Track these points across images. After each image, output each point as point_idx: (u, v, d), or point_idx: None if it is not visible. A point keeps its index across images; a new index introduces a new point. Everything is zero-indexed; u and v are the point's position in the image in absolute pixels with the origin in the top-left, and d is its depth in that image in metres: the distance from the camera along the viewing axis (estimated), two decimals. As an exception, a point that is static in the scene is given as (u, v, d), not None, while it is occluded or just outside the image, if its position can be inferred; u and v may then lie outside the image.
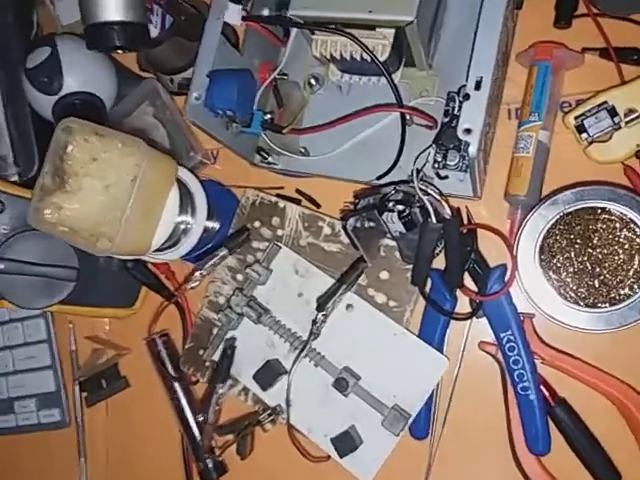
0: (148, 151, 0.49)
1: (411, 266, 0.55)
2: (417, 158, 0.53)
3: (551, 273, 0.49)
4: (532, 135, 0.54)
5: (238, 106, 0.56)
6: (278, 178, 0.63)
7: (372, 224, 0.54)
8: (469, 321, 0.55)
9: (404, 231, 0.50)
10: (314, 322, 0.49)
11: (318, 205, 0.65)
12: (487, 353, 0.54)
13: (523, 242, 0.49)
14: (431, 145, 0.54)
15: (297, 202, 0.65)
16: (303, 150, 0.64)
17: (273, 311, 0.61)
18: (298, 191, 0.66)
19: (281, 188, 0.67)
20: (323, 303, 0.48)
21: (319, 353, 0.58)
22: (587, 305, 0.48)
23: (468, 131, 0.43)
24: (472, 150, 0.43)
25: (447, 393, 0.56)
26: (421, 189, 0.47)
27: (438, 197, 0.46)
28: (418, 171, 0.49)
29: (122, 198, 0.47)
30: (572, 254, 0.48)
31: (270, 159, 0.66)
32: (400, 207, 0.49)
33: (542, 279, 0.49)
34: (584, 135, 0.52)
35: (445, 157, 0.56)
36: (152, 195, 0.50)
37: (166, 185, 0.53)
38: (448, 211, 0.46)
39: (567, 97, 0.57)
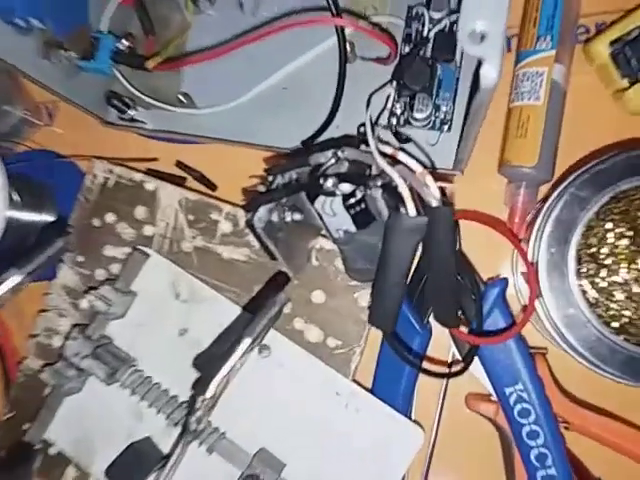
0: None
1: (359, 281, 0.34)
2: (368, 107, 0.31)
3: (594, 291, 0.30)
4: (543, 71, 0.34)
5: (52, 9, 0.32)
6: (149, 145, 0.43)
7: (297, 216, 0.33)
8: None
9: (352, 229, 0.29)
10: (192, 401, 0.26)
11: (213, 187, 0.42)
12: (481, 415, 0.35)
13: (547, 242, 0.30)
14: (389, 83, 0.32)
15: (179, 183, 0.41)
16: (184, 98, 0.40)
17: (139, 362, 0.38)
18: (180, 165, 0.42)
19: (154, 160, 0.43)
20: (204, 380, 0.25)
21: (216, 430, 0.35)
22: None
23: (482, 37, 0.22)
24: (491, 74, 0.22)
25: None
26: (383, 154, 0.26)
27: (418, 167, 0.25)
28: (374, 124, 0.28)
29: None
30: (632, 259, 0.29)
31: (133, 114, 0.42)
32: (345, 187, 0.27)
33: (577, 300, 0.30)
34: (622, 71, 0.34)
35: (411, 106, 0.35)
36: None
37: None
38: (436, 194, 0.25)
39: (583, 19, 0.38)
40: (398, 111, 0.36)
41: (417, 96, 0.34)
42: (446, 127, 0.35)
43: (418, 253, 0.28)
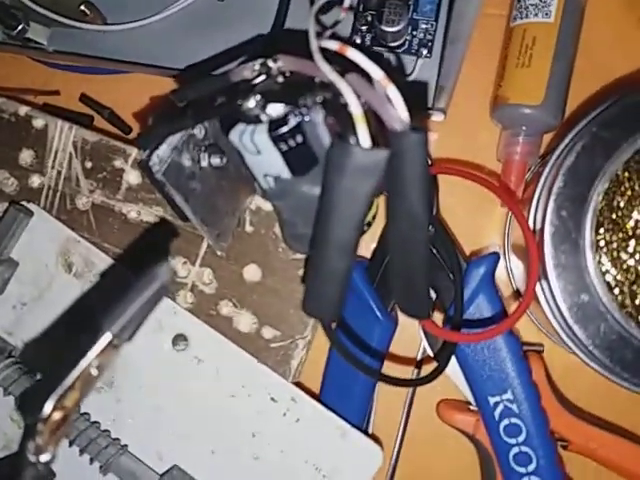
0: None
1: (301, 253, 0.25)
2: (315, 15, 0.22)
3: (616, 271, 0.22)
4: (556, -21, 0.26)
5: None
6: (49, 75, 0.35)
7: (217, 160, 0.24)
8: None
9: (286, 175, 0.21)
10: (27, 425, 0.18)
11: (126, 128, 0.33)
12: (456, 429, 0.27)
13: (556, 201, 0.22)
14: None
15: (83, 123, 0.33)
16: (88, 10, 0.32)
17: (18, 352, 0.29)
18: (85, 99, 0.34)
19: (54, 94, 0.34)
20: (38, 396, 0.17)
21: (114, 443, 0.27)
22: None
23: None
24: None
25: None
26: (325, 52, 0.17)
27: (377, 72, 0.16)
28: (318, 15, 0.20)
29: None
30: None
31: (28, 31, 0.33)
32: (275, 109, 0.19)
33: (594, 282, 0.22)
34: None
35: (379, 17, 0.26)
36: None
37: None
38: (403, 113, 0.16)
39: None
40: (363, 27, 0.27)
41: (387, 3, 0.25)
42: (425, 51, 0.27)
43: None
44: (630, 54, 0.29)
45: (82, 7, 0.32)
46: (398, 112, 0.17)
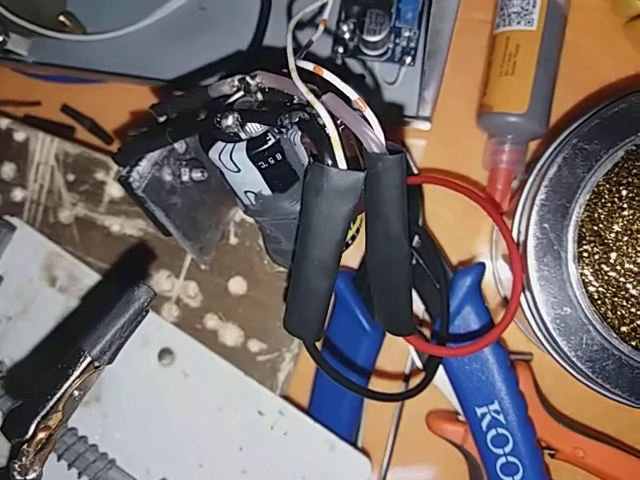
0: None
1: (285, 267, 0.26)
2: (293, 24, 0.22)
3: (598, 283, 0.22)
4: (539, -14, 0.26)
5: None
6: (30, 85, 0.35)
7: (197, 175, 0.24)
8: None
9: (267, 192, 0.21)
10: (13, 453, 0.18)
11: (107, 138, 0.33)
12: (446, 440, 0.28)
13: (539, 213, 0.22)
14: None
15: (65, 134, 0.33)
16: (67, 21, 0.32)
17: (4, 366, 0.30)
18: (67, 110, 0.34)
19: (35, 105, 0.34)
20: (22, 417, 0.17)
21: (103, 457, 0.28)
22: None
23: None
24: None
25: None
26: (306, 78, 0.18)
27: (352, 94, 0.17)
28: (307, 45, 0.20)
29: None
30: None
31: (7, 42, 0.33)
32: (253, 128, 0.19)
33: (576, 293, 0.22)
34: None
35: (360, 26, 0.26)
36: None
37: None
38: (380, 136, 0.17)
39: None
40: (346, 35, 0.27)
41: (368, 12, 0.26)
42: (409, 59, 0.27)
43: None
44: (615, 60, 0.29)
45: (61, 17, 0.32)
46: (375, 134, 0.17)
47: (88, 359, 0.17)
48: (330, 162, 0.17)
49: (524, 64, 0.27)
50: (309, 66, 0.17)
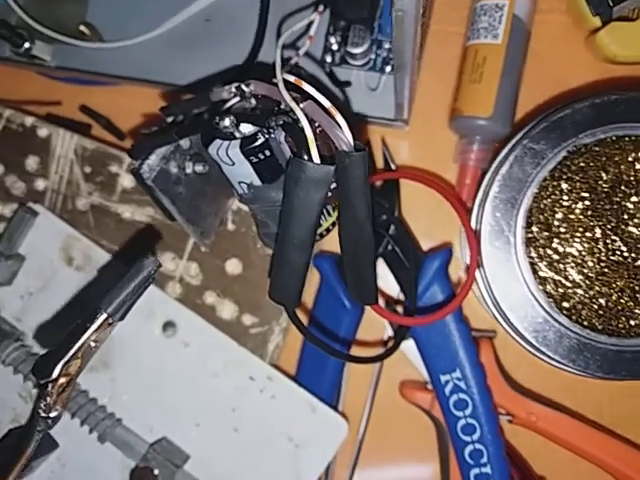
0: None
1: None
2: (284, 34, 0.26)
3: (543, 265, 0.26)
4: (503, 4, 0.30)
5: None
6: (52, 87, 0.39)
7: (199, 168, 0.29)
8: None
9: (257, 182, 0.25)
10: (39, 386, 0.22)
11: (121, 135, 0.37)
12: (416, 406, 0.32)
13: (492, 204, 0.26)
14: (318, 11, 0.28)
15: (83, 131, 0.37)
16: (87, 30, 0.36)
17: (27, 336, 0.34)
18: (85, 109, 0.38)
19: (56, 104, 0.38)
20: (49, 361, 0.21)
21: (111, 416, 0.32)
22: (604, 329, 0.26)
23: None
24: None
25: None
26: (288, 83, 0.22)
27: (325, 101, 0.21)
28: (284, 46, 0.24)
29: None
30: (590, 227, 0.26)
31: (28, 47, 0.37)
32: (245, 128, 0.23)
33: (524, 273, 0.26)
34: (593, 8, 0.30)
35: (345, 39, 0.30)
36: None
37: None
38: (348, 136, 0.21)
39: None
40: (334, 46, 0.31)
41: (351, 27, 0.30)
42: (388, 68, 0.31)
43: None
44: (577, 68, 0.33)
45: (81, 27, 0.36)
46: (344, 135, 0.21)
47: (104, 315, 0.21)
48: (307, 157, 0.21)
49: (490, 73, 0.31)
50: (292, 79, 0.22)
